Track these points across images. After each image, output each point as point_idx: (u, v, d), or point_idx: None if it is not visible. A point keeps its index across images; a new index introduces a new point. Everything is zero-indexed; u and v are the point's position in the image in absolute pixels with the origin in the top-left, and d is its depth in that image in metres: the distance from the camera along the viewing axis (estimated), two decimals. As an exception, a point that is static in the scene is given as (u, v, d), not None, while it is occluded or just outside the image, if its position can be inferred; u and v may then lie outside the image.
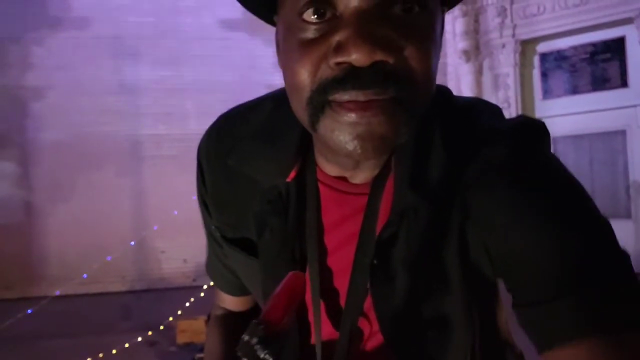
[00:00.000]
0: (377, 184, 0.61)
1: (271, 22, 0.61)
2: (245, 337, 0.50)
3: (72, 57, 7.25)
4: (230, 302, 0.84)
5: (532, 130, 0.63)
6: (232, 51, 7.61)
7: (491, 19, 7.51)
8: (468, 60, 7.63)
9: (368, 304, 0.62)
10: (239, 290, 0.80)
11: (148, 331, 4.84)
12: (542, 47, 7.49)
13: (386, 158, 0.60)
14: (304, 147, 0.64)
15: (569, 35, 7.17)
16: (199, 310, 4.97)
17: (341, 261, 0.64)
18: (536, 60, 7.54)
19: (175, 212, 7.07)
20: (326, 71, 0.50)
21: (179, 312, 5.03)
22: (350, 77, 0.49)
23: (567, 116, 7.32)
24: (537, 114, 7.54)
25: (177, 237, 7.19)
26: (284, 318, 0.53)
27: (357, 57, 0.47)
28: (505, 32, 7.39)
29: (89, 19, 7.33)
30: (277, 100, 0.67)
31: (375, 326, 0.63)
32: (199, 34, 7.57)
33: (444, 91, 0.64)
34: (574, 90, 7.29)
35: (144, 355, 4.36)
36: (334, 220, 0.64)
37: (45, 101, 7.20)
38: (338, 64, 0.49)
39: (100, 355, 4.20)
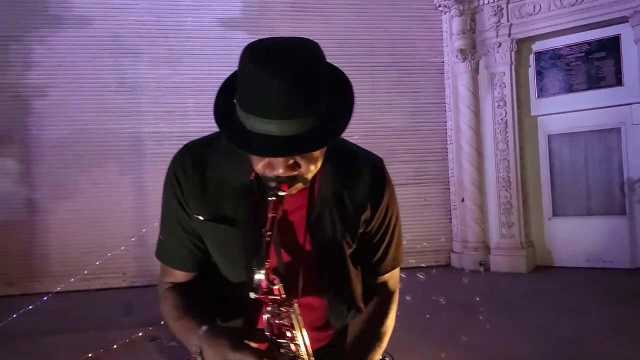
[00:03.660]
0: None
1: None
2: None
3: (73, 55, 7.29)
4: (181, 277, 1.22)
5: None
6: (231, 50, 7.64)
7: (487, 18, 7.55)
8: (464, 59, 7.67)
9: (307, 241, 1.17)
10: (192, 266, 1.21)
11: (149, 326, 4.87)
12: (538, 46, 7.54)
13: None
14: None
15: (564, 34, 7.23)
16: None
17: (291, 220, 1.16)
18: (532, 58, 7.60)
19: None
20: (267, 172, 1.01)
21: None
22: (277, 179, 1.01)
23: (563, 114, 7.38)
24: (533, 112, 7.61)
25: (177, 234, 7.24)
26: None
27: (280, 173, 0.99)
28: (501, 31, 7.44)
29: (89, 18, 7.36)
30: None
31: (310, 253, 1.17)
32: (198, 32, 7.62)
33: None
34: (569, 89, 7.34)
35: (145, 350, 4.38)
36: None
37: (47, 99, 7.23)
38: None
39: (102, 350, 4.24)
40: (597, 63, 7.15)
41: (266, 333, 1.01)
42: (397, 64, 7.91)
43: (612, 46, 7.07)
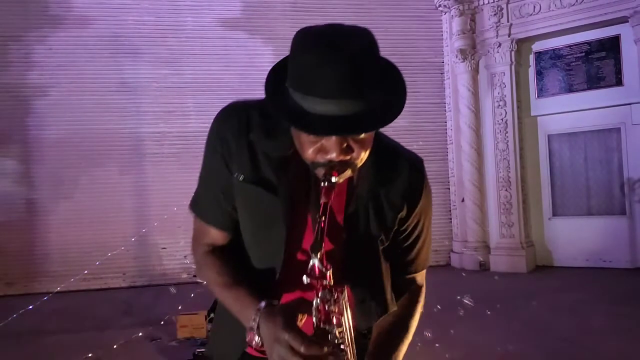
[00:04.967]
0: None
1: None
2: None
3: (73, 55, 7.30)
4: (216, 237, 1.20)
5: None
6: (231, 50, 7.66)
7: (487, 18, 7.56)
8: (464, 59, 7.68)
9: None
10: (227, 225, 1.19)
11: (149, 326, 4.90)
12: (538, 46, 7.55)
13: None
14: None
15: (564, 34, 7.23)
16: (199, 305, 5.03)
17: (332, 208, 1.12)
18: (532, 58, 7.61)
19: (175, 209, 7.13)
20: (318, 158, 1.01)
21: (179, 307, 5.10)
22: (329, 164, 1.00)
23: (563, 114, 7.39)
24: (533, 112, 7.62)
25: (178, 234, 7.25)
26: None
27: (333, 157, 0.99)
28: (501, 31, 7.45)
29: (89, 18, 7.38)
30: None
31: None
32: (198, 32, 7.63)
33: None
34: (569, 89, 7.35)
35: (145, 350, 4.39)
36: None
37: (47, 99, 7.24)
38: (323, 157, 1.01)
39: (102, 350, 4.24)
40: (597, 63, 7.16)
41: (313, 319, 1.00)
42: (397, 64, 7.83)
43: (612, 46, 7.08)
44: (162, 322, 4.98)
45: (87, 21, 7.37)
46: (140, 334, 4.69)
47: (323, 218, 0.99)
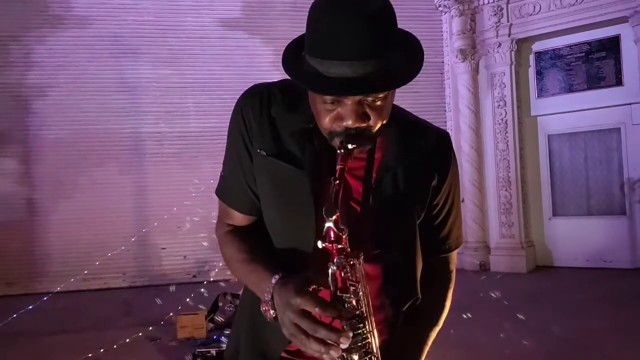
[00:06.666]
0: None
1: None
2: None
3: (73, 55, 7.31)
4: (239, 219, 1.22)
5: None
6: (231, 50, 7.67)
7: (487, 18, 7.57)
8: (464, 59, 7.68)
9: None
10: (249, 209, 1.20)
11: (149, 326, 4.90)
12: (538, 46, 7.56)
13: None
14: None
15: (564, 34, 7.24)
16: (199, 305, 5.03)
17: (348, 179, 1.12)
18: (532, 58, 7.61)
19: (175, 209, 7.13)
20: (335, 127, 1.01)
21: (180, 308, 5.10)
22: (345, 132, 1.01)
23: (563, 114, 7.40)
24: (533, 112, 7.62)
25: (178, 234, 7.26)
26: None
27: (349, 124, 0.99)
28: (501, 31, 7.46)
29: (89, 18, 7.38)
30: (295, 85, 1.06)
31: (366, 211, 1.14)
32: (199, 32, 7.64)
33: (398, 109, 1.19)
34: (569, 89, 7.35)
35: (145, 350, 4.40)
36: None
37: (47, 99, 7.25)
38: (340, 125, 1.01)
39: (102, 350, 4.26)
40: (597, 63, 7.16)
41: (330, 287, 0.98)
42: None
43: (612, 46, 7.08)
44: (162, 322, 4.98)
45: (87, 21, 7.37)
46: (140, 334, 4.69)
47: (337, 182, 0.98)
